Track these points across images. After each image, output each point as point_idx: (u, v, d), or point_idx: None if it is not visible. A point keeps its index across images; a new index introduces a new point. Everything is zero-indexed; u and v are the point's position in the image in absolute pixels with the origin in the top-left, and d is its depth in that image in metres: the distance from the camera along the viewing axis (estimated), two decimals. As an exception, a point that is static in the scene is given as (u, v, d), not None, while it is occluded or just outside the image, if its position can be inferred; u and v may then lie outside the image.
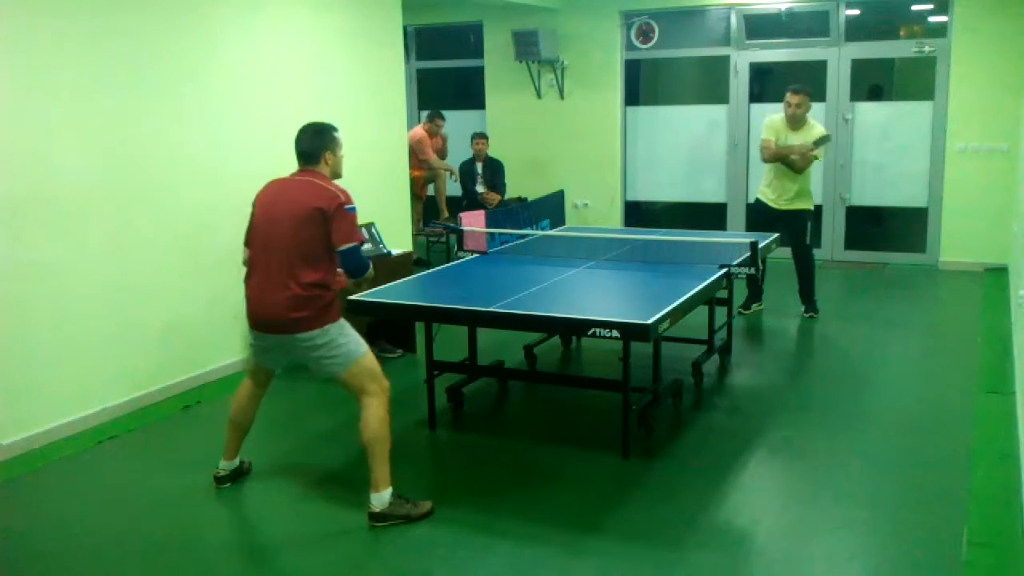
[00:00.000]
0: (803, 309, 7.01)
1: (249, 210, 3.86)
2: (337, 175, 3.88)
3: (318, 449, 4.64)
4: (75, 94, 4.74)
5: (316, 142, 3.80)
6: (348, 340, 3.77)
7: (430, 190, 9.60)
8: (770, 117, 6.82)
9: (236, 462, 4.17)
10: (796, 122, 6.66)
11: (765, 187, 6.95)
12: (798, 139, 6.67)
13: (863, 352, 6.14)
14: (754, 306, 7.12)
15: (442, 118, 9.38)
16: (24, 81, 4.50)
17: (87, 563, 3.53)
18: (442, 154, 9.56)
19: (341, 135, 3.91)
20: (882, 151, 9.04)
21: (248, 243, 3.83)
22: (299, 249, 3.65)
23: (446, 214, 9.42)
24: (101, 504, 4.03)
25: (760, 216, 7.00)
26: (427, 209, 9.81)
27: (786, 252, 6.79)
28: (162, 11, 5.19)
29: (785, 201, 6.79)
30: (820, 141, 6.62)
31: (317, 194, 3.67)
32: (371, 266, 3.86)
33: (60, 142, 4.68)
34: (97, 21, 4.83)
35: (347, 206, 3.67)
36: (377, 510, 3.70)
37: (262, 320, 3.77)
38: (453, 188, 9.69)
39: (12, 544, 3.73)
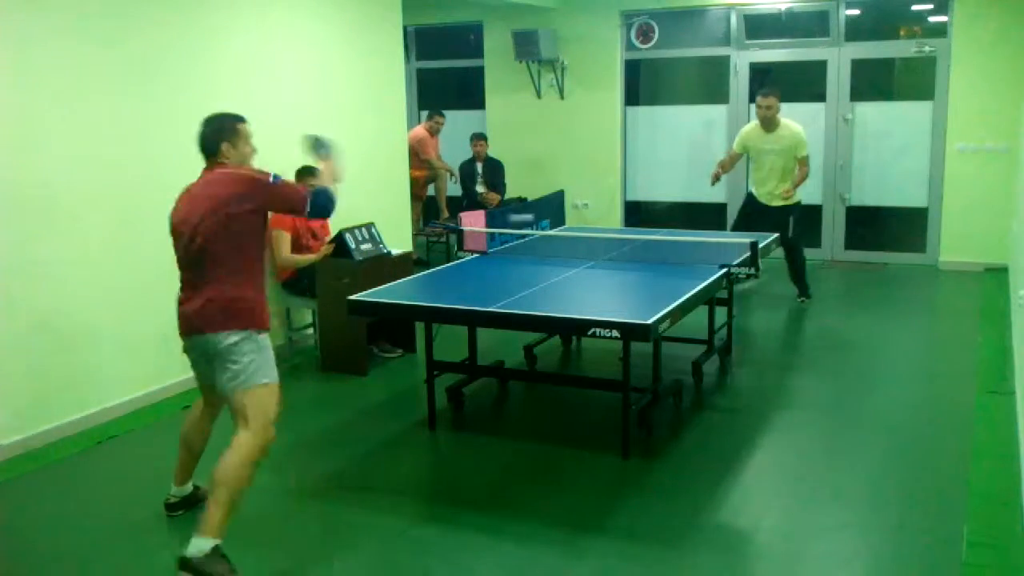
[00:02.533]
0: (796, 294, 7.38)
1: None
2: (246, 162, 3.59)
3: (318, 449, 4.64)
4: (76, 94, 4.74)
5: (213, 134, 3.52)
6: (259, 358, 3.40)
7: (430, 190, 9.61)
8: (745, 127, 7.26)
9: (189, 487, 3.87)
10: (769, 124, 6.99)
11: (757, 186, 7.31)
12: (772, 142, 7.02)
13: (863, 352, 6.14)
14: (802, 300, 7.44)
15: (442, 116, 9.38)
16: (24, 81, 4.49)
17: (87, 563, 3.53)
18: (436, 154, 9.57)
19: (248, 127, 3.61)
20: (882, 151, 9.04)
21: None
22: (219, 240, 3.39)
23: (446, 214, 9.42)
24: (101, 504, 4.04)
25: (748, 208, 7.38)
26: (427, 209, 9.82)
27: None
28: (162, 11, 5.19)
29: (774, 197, 7.16)
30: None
31: (227, 177, 3.43)
32: (332, 192, 3.60)
33: (61, 142, 4.68)
34: (98, 22, 4.83)
35: (269, 178, 3.45)
36: (189, 556, 3.20)
37: (182, 324, 3.56)
38: (453, 188, 9.70)
39: (12, 544, 3.73)
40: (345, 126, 6.68)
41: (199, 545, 3.20)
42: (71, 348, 4.79)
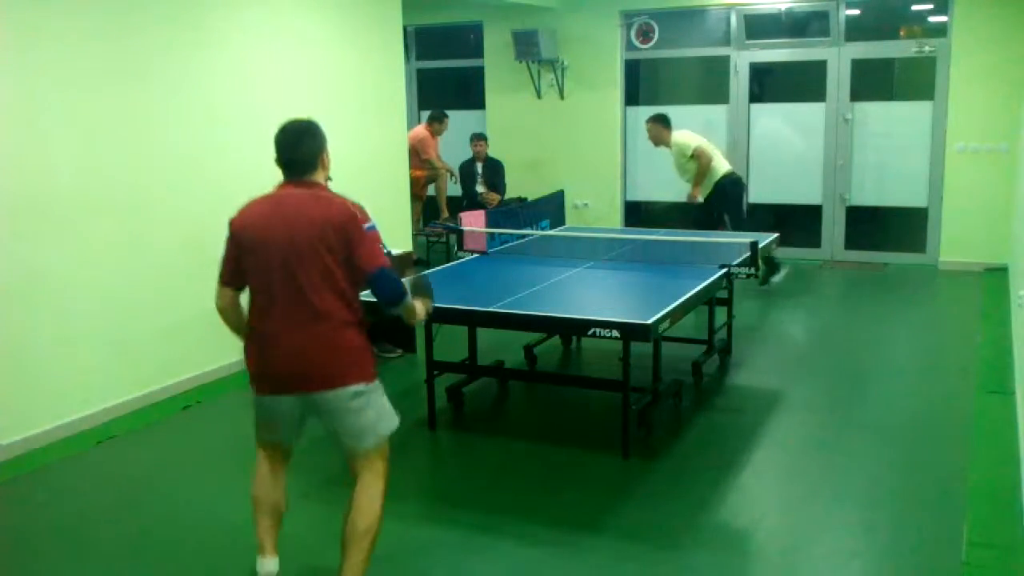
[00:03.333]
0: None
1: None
2: (328, 179, 3.21)
3: (318, 450, 4.63)
4: (76, 96, 4.74)
5: (311, 145, 3.06)
6: (385, 403, 3.11)
7: (430, 190, 9.60)
8: (682, 133, 7.70)
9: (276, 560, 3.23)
10: (660, 143, 7.77)
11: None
12: (671, 154, 7.74)
13: (863, 352, 6.14)
14: (772, 279, 7.67)
15: (445, 118, 9.36)
16: (25, 83, 4.49)
17: (87, 563, 3.53)
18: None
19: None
20: (882, 151, 9.04)
21: (228, 279, 3.09)
22: (325, 280, 2.94)
23: (446, 214, 9.42)
24: (101, 504, 4.03)
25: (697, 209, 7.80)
26: (427, 209, 9.82)
27: (786, 252, 6.84)
28: (162, 12, 5.19)
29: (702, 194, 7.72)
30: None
31: (328, 209, 2.97)
32: (409, 294, 3.08)
33: (62, 144, 4.68)
34: (98, 23, 4.83)
35: (366, 224, 3.01)
36: None
37: (282, 375, 2.99)
38: (453, 188, 9.69)
39: (12, 544, 3.74)
40: (345, 126, 6.69)
41: None
42: (71, 348, 4.79)
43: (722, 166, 7.64)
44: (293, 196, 3.02)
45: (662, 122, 7.70)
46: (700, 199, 7.64)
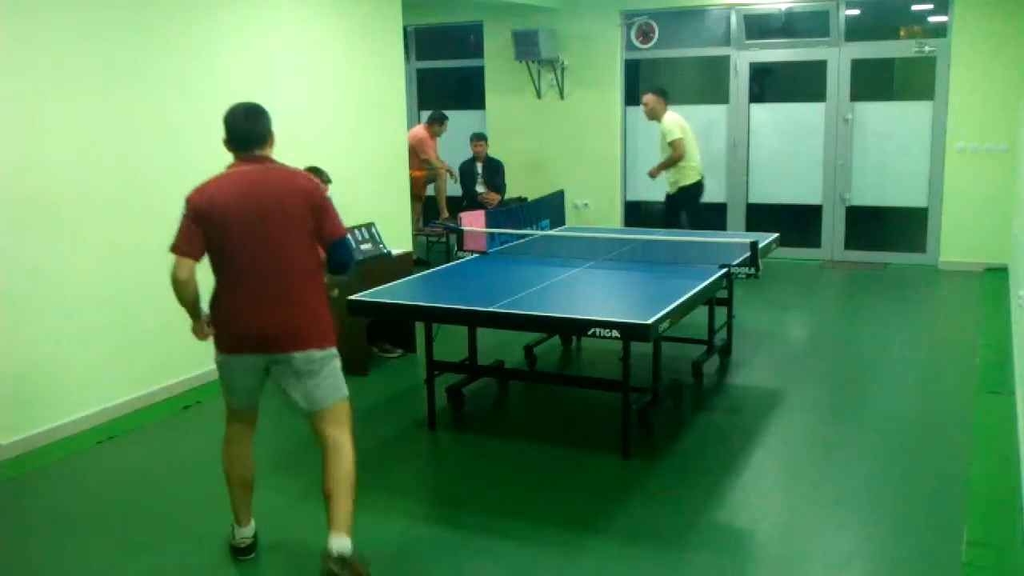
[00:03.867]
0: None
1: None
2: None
3: (318, 449, 4.62)
4: (76, 96, 4.74)
5: (264, 122, 3.37)
6: (339, 369, 3.38)
7: (430, 190, 9.60)
8: (674, 117, 7.73)
9: (253, 524, 3.55)
10: (652, 117, 7.84)
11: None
12: (659, 133, 7.79)
13: (863, 352, 6.14)
14: None
15: (445, 120, 9.36)
16: (25, 83, 4.50)
17: (86, 563, 3.53)
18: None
19: None
20: (882, 151, 9.04)
21: (188, 251, 3.29)
22: (298, 251, 3.22)
23: (446, 214, 9.42)
24: (101, 504, 4.04)
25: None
26: (427, 209, 9.81)
27: (786, 252, 6.84)
28: (162, 12, 5.20)
29: (669, 185, 7.89)
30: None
31: (302, 182, 3.27)
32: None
33: (61, 144, 4.68)
34: (98, 23, 4.83)
35: (328, 195, 3.41)
36: (348, 555, 3.22)
37: (257, 337, 3.22)
38: (453, 188, 9.69)
39: (12, 544, 3.74)
40: (345, 126, 6.69)
41: (347, 543, 3.23)
42: (71, 348, 4.79)
43: (697, 170, 7.80)
44: (254, 172, 3.27)
45: (663, 96, 7.77)
46: (653, 179, 7.99)
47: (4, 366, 4.48)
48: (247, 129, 3.35)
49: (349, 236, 3.37)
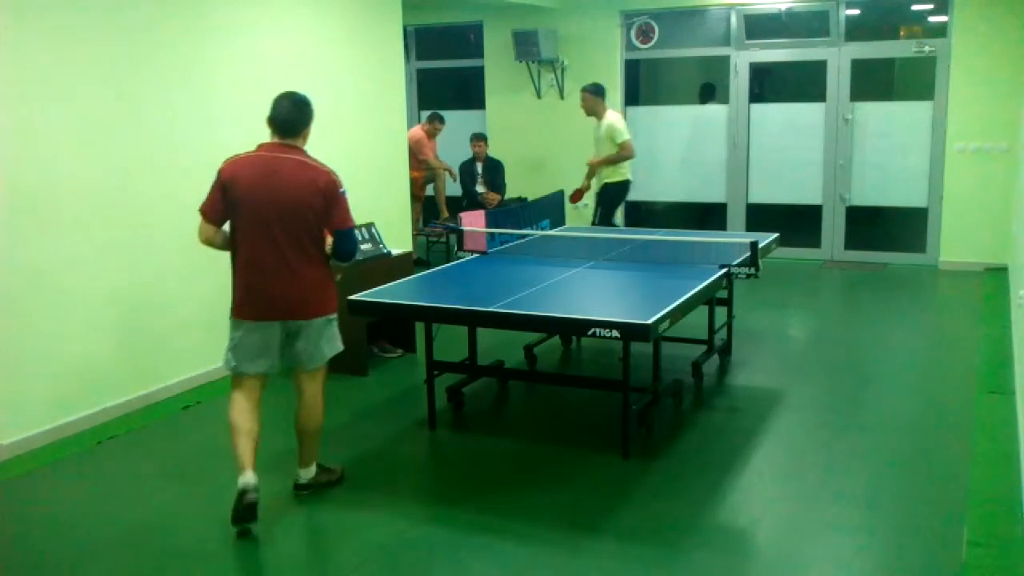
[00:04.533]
0: None
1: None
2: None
3: (318, 449, 4.63)
4: (75, 95, 4.74)
5: (306, 114, 3.74)
6: (335, 333, 3.92)
7: (429, 190, 9.61)
8: (617, 116, 7.69)
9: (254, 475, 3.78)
10: (591, 115, 7.71)
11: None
12: (597, 130, 7.66)
13: (863, 352, 6.14)
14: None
15: (442, 121, 9.37)
16: (24, 83, 4.50)
17: (86, 564, 3.53)
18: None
19: None
20: (882, 151, 9.04)
21: (211, 217, 3.70)
22: (309, 230, 3.66)
23: (446, 214, 9.42)
24: (101, 504, 4.04)
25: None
26: (427, 209, 9.81)
27: (786, 252, 6.84)
28: (162, 12, 5.20)
29: (599, 181, 7.81)
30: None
31: (315, 176, 3.65)
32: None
33: (61, 144, 4.68)
34: (98, 23, 4.83)
35: (341, 189, 3.70)
36: (305, 481, 3.99)
37: (271, 306, 3.69)
38: (452, 188, 9.70)
39: (12, 544, 3.74)
40: (345, 126, 6.69)
41: (311, 472, 3.99)
42: (71, 348, 4.79)
43: (629, 170, 7.73)
44: (276, 159, 3.67)
45: (599, 93, 7.67)
46: (590, 168, 7.78)
47: (4, 366, 4.48)
48: (286, 117, 3.71)
49: (354, 228, 3.78)
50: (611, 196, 7.72)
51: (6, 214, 4.44)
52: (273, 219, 3.61)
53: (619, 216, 8.00)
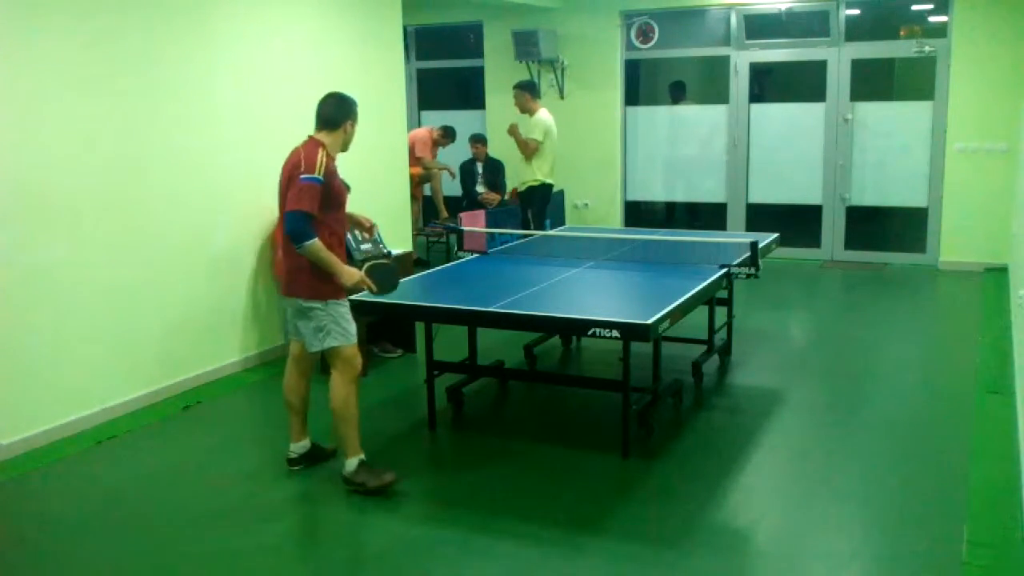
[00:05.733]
0: None
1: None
2: (346, 148, 4.14)
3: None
4: (75, 95, 4.74)
5: (333, 111, 4.02)
6: (332, 325, 3.96)
7: (426, 190, 9.60)
8: (543, 117, 7.75)
9: (306, 443, 4.30)
10: (523, 112, 7.86)
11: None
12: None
13: (863, 352, 6.14)
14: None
15: (452, 139, 9.41)
16: (24, 82, 4.49)
17: (86, 563, 3.53)
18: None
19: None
20: (882, 151, 9.04)
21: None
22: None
23: (445, 214, 9.42)
24: (101, 504, 4.04)
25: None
26: (426, 209, 9.81)
27: (786, 252, 6.83)
28: (162, 12, 5.19)
29: (521, 184, 7.89)
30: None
31: (294, 158, 3.87)
32: (311, 239, 3.77)
33: (60, 143, 4.68)
34: (97, 22, 4.83)
35: (303, 176, 3.78)
36: (345, 474, 4.09)
37: (282, 283, 4.08)
38: (452, 188, 9.70)
39: (12, 544, 3.74)
40: (345, 126, 6.68)
41: (347, 466, 4.05)
42: (71, 348, 4.78)
43: (544, 173, 7.80)
44: (296, 147, 3.95)
45: (529, 91, 7.82)
46: (529, 182, 7.79)
47: (4, 366, 4.47)
48: (318, 111, 4.03)
49: (293, 212, 3.77)
50: (531, 199, 7.76)
51: (6, 214, 4.44)
52: (280, 200, 3.94)
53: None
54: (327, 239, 3.87)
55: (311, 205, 3.77)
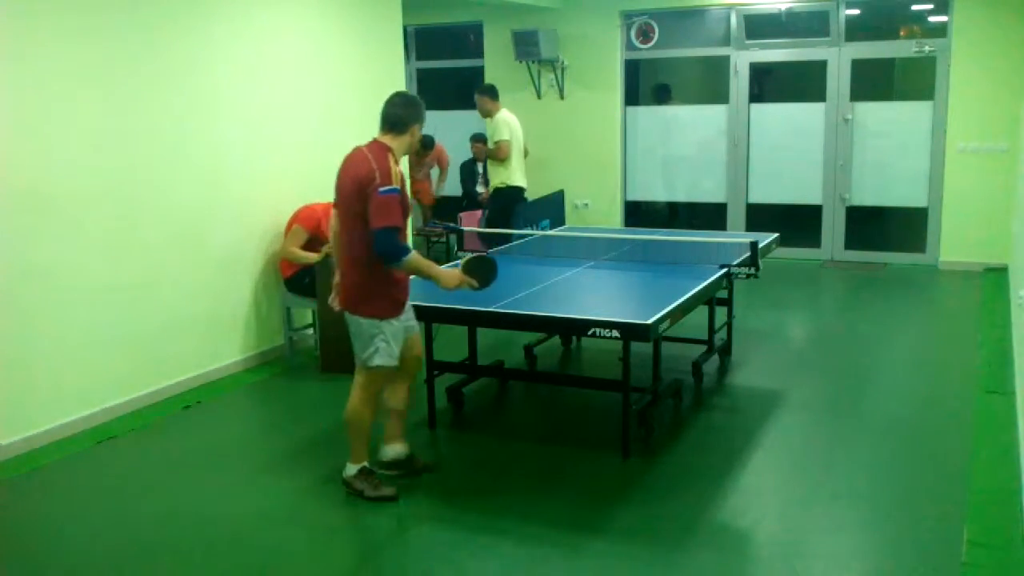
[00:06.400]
0: None
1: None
2: (410, 152, 4.07)
3: (318, 449, 4.64)
4: (75, 93, 4.74)
5: (401, 109, 3.78)
6: (382, 347, 3.80)
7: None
8: (506, 117, 7.61)
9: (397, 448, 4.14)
10: (485, 116, 7.73)
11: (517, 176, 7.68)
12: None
13: (863, 352, 6.14)
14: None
15: (430, 149, 9.25)
16: (24, 80, 4.49)
17: (86, 563, 3.53)
18: (443, 165, 9.61)
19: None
20: (882, 151, 9.04)
21: None
22: (350, 226, 3.71)
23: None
24: (101, 504, 4.04)
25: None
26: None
27: (786, 252, 6.82)
28: (162, 10, 5.19)
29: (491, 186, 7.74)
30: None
31: (360, 166, 3.64)
32: (408, 254, 3.65)
33: (60, 142, 4.68)
34: (97, 20, 4.83)
35: (381, 188, 3.57)
36: (345, 476, 4.02)
37: (340, 297, 3.88)
38: (453, 188, 9.69)
39: (12, 544, 3.74)
40: (345, 125, 6.68)
41: (347, 469, 3.99)
42: (71, 348, 4.78)
43: (517, 176, 7.63)
44: (359, 150, 3.75)
45: (488, 94, 7.69)
46: (500, 182, 7.64)
47: (4, 366, 4.47)
48: (384, 112, 3.80)
49: (381, 230, 3.59)
50: (501, 202, 7.58)
51: (6, 213, 4.44)
52: (340, 209, 3.79)
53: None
54: None
55: (397, 219, 3.63)
